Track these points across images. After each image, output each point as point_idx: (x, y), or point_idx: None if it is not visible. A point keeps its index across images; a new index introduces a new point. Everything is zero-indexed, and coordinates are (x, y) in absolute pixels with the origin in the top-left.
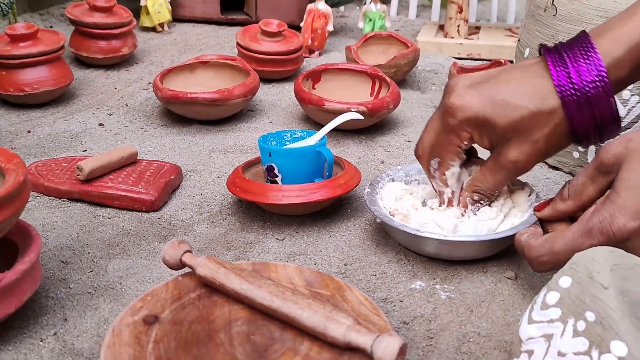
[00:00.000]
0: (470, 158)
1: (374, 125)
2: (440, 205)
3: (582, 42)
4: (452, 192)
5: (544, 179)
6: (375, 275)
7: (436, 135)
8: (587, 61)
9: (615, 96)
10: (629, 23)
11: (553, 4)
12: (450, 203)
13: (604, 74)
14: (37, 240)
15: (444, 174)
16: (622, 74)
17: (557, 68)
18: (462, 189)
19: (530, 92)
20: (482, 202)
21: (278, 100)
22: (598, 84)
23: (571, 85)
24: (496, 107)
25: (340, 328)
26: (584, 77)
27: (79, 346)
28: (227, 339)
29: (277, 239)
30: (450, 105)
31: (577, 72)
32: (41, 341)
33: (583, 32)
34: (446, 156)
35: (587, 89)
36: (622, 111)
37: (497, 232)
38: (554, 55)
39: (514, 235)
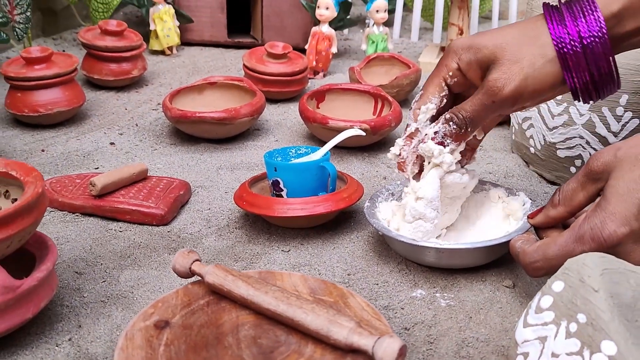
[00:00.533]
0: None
1: (376, 142)
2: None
3: None
4: (416, 129)
5: (542, 193)
6: (377, 284)
7: None
8: (586, 13)
9: (608, 108)
10: None
11: None
12: (409, 137)
13: (603, 24)
14: (53, 250)
15: (419, 108)
16: (614, 9)
17: (554, 21)
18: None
19: (520, 26)
20: (451, 123)
21: (283, 120)
22: (596, 36)
23: (569, 37)
24: (485, 35)
25: (342, 331)
26: (581, 31)
27: (93, 351)
28: (235, 342)
29: (282, 250)
30: (448, 45)
31: (575, 26)
32: (57, 346)
33: None
34: (429, 88)
35: (584, 41)
36: (615, 127)
37: (493, 239)
38: (552, 10)
39: (509, 242)
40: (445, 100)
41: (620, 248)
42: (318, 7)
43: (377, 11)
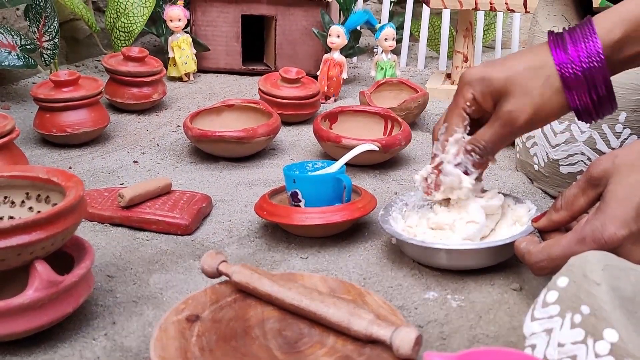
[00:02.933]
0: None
1: (387, 161)
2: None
3: (584, 23)
4: (441, 161)
5: (546, 208)
6: (392, 287)
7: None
8: (586, 40)
9: (608, 125)
10: (630, 2)
11: None
12: (437, 167)
13: (601, 51)
14: (90, 251)
15: (447, 140)
16: (615, 37)
17: (557, 48)
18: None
19: (526, 57)
20: (473, 154)
21: (297, 141)
22: (594, 60)
23: (570, 63)
24: (495, 67)
25: (362, 322)
26: (581, 56)
27: (127, 344)
28: (262, 333)
29: (301, 257)
30: (461, 75)
31: (576, 51)
32: (94, 340)
33: (588, 16)
34: (452, 120)
35: (584, 65)
36: (615, 143)
37: (499, 240)
38: (556, 37)
39: (514, 242)
40: (468, 128)
41: (620, 249)
42: (329, 35)
43: (386, 39)
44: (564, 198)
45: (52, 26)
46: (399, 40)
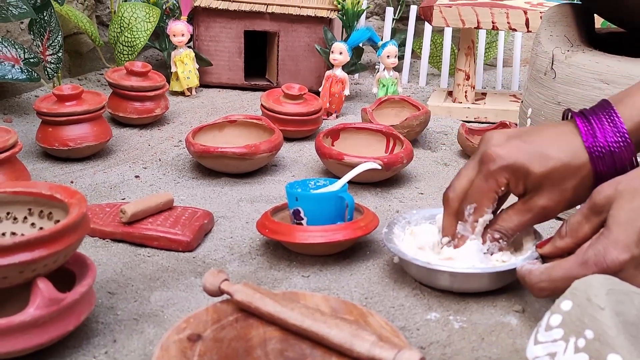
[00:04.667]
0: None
1: (389, 179)
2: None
3: (605, 108)
4: (462, 236)
5: (548, 228)
6: (393, 307)
7: (471, 181)
8: (611, 124)
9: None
10: None
11: (552, 68)
12: (461, 241)
13: (627, 135)
14: (92, 268)
15: (477, 221)
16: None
17: (586, 129)
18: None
19: (563, 147)
20: (500, 241)
21: (299, 157)
22: (621, 144)
23: (598, 145)
24: (532, 156)
25: (365, 344)
26: (609, 139)
27: None
28: (264, 354)
29: (302, 275)
30: (491, 153)
31: (603, 134)
32: (94, 358)
33: (605, 100)
34: (483, 202)
35: (611, 148)
36: None
37: (503, 265)
38: (582, 118)
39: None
40: (496, 206)
41: (623, 273)
42: (332, 52)
43: (388, 56)
44: (568, 225)
45: (56, 40)
46: (400, 58)
